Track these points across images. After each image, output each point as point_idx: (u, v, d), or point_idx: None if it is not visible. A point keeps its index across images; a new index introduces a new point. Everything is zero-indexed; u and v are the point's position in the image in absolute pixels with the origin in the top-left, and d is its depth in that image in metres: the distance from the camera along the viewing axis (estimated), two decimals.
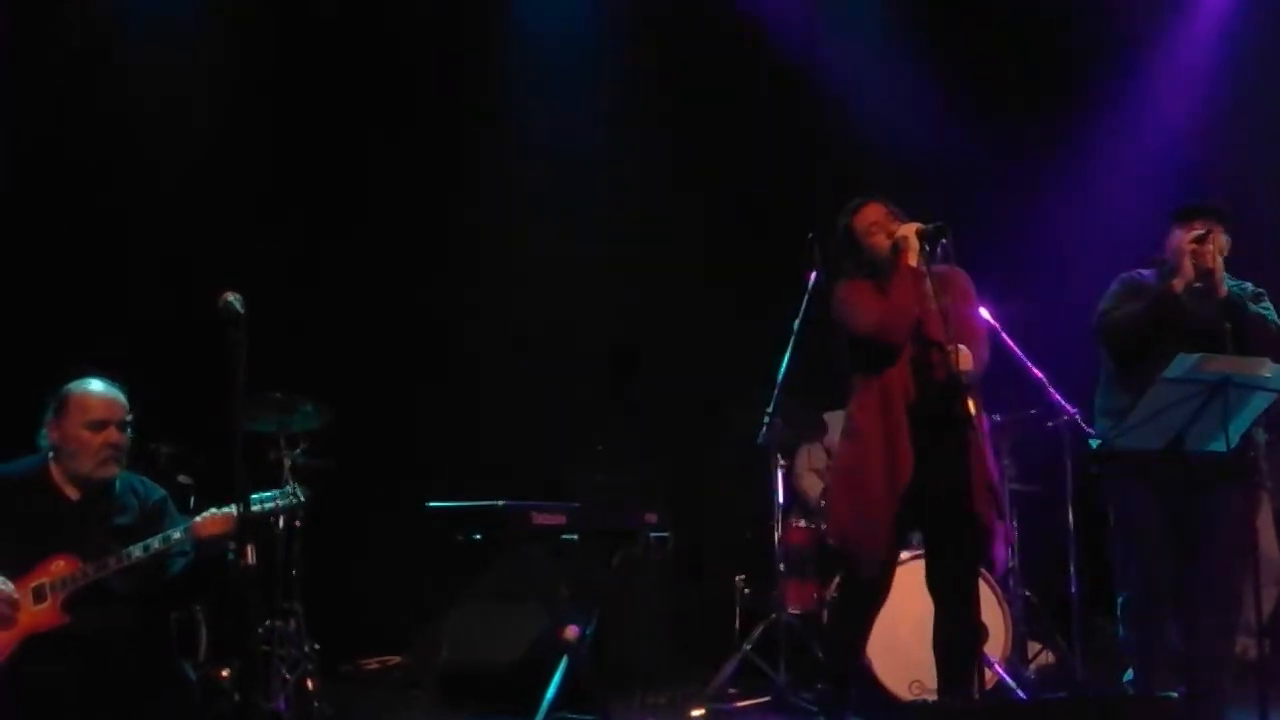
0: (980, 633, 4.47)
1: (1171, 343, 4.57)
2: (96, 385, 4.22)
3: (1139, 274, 4.95)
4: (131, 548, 4.03)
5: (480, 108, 7.55)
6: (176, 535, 4.04)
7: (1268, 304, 4.84)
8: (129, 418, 4.23)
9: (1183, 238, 4.75)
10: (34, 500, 4.13)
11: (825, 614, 6.00)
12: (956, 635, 4.48)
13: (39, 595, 3.99)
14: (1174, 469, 4.56)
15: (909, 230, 4.45)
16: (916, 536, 4.95)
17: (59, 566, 4.01)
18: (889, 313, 4.42)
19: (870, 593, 4.58)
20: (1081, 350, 5.19)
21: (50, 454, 4.19)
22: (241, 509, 3.78)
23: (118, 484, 4.22)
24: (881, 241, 4.54)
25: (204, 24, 7.08)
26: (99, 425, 4.15)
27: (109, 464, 4.16)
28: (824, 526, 6.21)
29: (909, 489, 4.38)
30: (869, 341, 4.48)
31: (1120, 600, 4.87)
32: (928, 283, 4.44)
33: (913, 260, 4.42)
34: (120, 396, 4.23)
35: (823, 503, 6.39)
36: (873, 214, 4.60)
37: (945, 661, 4.55)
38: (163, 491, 4.35)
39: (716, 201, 7.58)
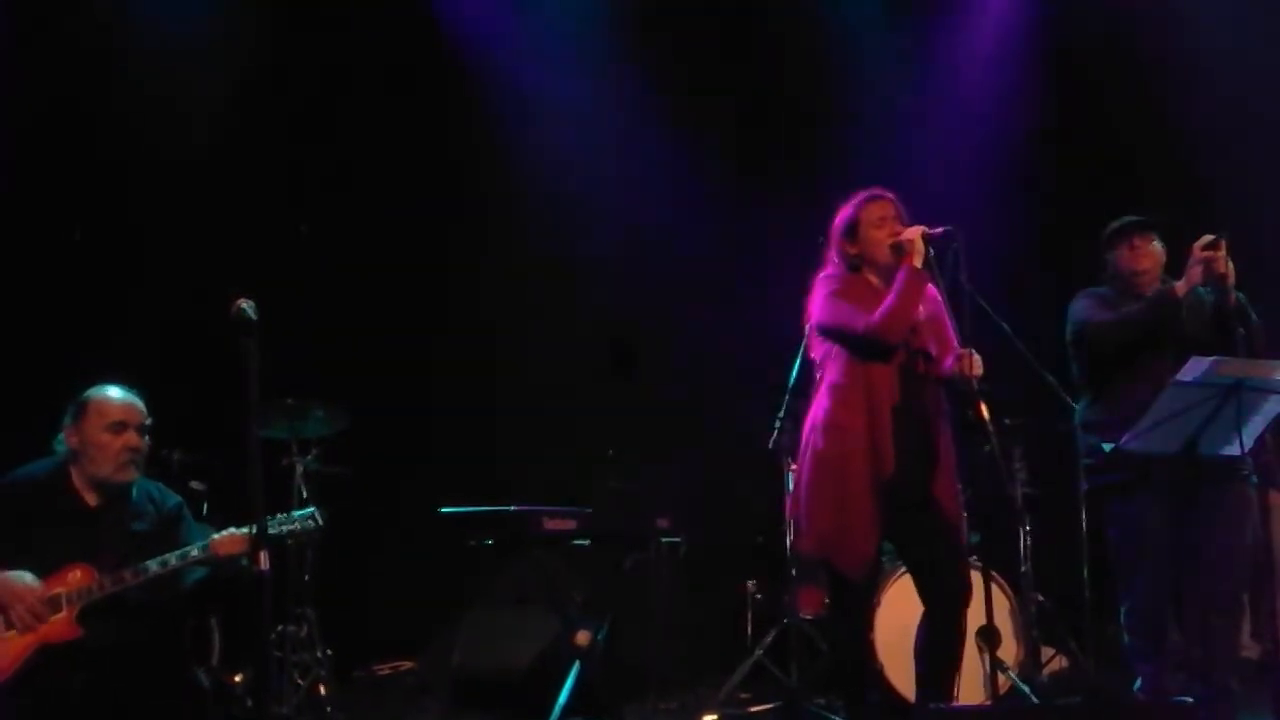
0: (960, 637, 4.37)
1: (1167, 350, 4.63)
2: (115, 391, 4.27)
3: (1097, 290, 5.01)
4: (149, 562, 4.03)
5: (489, 112, 7.56)
6: (195, 553, 4.06)
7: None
8: (148, 423, 4.27)
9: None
10: (53, 503, 4.15)
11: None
12: (934, 638, 4.40)
13: (55, 605, 3.99)
14: (1171, 473, 4.57)
15: (915, 233, 4.39)
16: None
17: (76, 577, 4.02)
18: (892, 314, 4.33)
19: (865, 596, 4.51)
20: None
21: (69, 459, 4.20)
22: (260, 522, 3.78)
23: (135, 491, 4.24)
24: (881, 238, 4.47)
25: (216, 24, 7.06)
26: (119, 427, 4.18)
27: (128, 468, 4.19)
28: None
29: (886, 487, 4.31)
30: (863, 341, 4.39)
31: (1123, 609, 4.86)
32: (927, 288, 4.40)
33: (918, 262, 4.36)
34: (139, 402, 4.29)
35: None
36: (882, 210, 4.52)
37: (922, 663, 4.46)
38: (179, 498, 4.38)
39: (725, 204, 7.57)
